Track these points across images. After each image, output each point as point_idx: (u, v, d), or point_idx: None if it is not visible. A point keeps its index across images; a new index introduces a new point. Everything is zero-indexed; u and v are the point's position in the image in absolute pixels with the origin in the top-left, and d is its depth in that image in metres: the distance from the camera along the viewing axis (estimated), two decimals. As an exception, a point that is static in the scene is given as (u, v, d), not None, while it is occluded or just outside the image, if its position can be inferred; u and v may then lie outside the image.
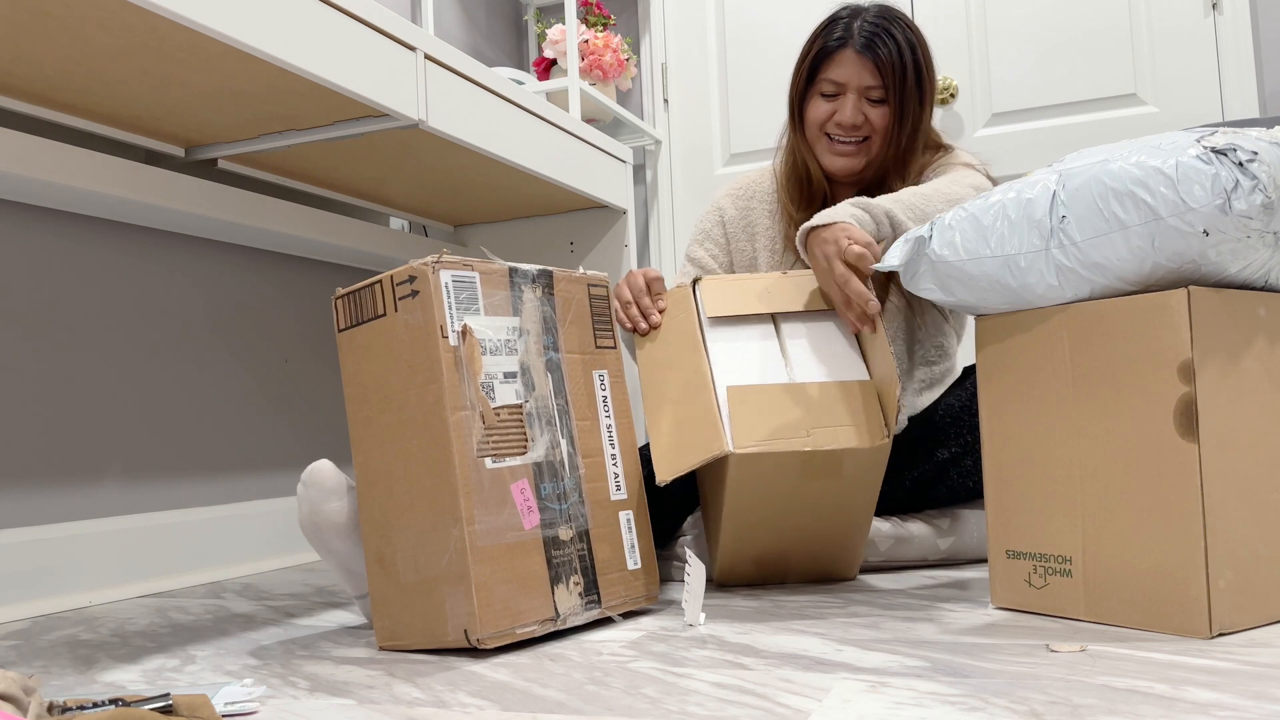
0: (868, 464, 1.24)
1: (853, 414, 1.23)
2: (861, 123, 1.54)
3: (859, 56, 1.52)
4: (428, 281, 1.06)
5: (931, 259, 1.14)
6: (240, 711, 0.87)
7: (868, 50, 1.51)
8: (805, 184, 1.62)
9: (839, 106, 1.54)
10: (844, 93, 1.54)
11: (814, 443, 1.20)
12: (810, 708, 0.81)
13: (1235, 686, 0.81)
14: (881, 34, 1.52)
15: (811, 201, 1.62)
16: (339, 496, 1.17)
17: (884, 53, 1.51)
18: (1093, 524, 1.05)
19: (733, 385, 1.24)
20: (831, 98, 1.56)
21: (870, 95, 1.53)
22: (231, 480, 1.83)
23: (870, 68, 1.52)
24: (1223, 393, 0.99)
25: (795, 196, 1.62)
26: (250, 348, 1.90)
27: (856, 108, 1.53)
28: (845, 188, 1.64)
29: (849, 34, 1.53)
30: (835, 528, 1.31)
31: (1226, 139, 0.97)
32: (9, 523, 1.45)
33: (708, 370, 1.27)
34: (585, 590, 1.13)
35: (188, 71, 1.32)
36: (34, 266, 1.51)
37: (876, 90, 1.53)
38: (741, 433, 1.20)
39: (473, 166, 1.82)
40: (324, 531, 1.17)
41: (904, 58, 1.51)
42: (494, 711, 0.84)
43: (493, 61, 2.75)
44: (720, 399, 1.24)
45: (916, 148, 1.58)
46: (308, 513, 1.17)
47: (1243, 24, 2.34)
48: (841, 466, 1.23)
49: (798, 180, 1.62)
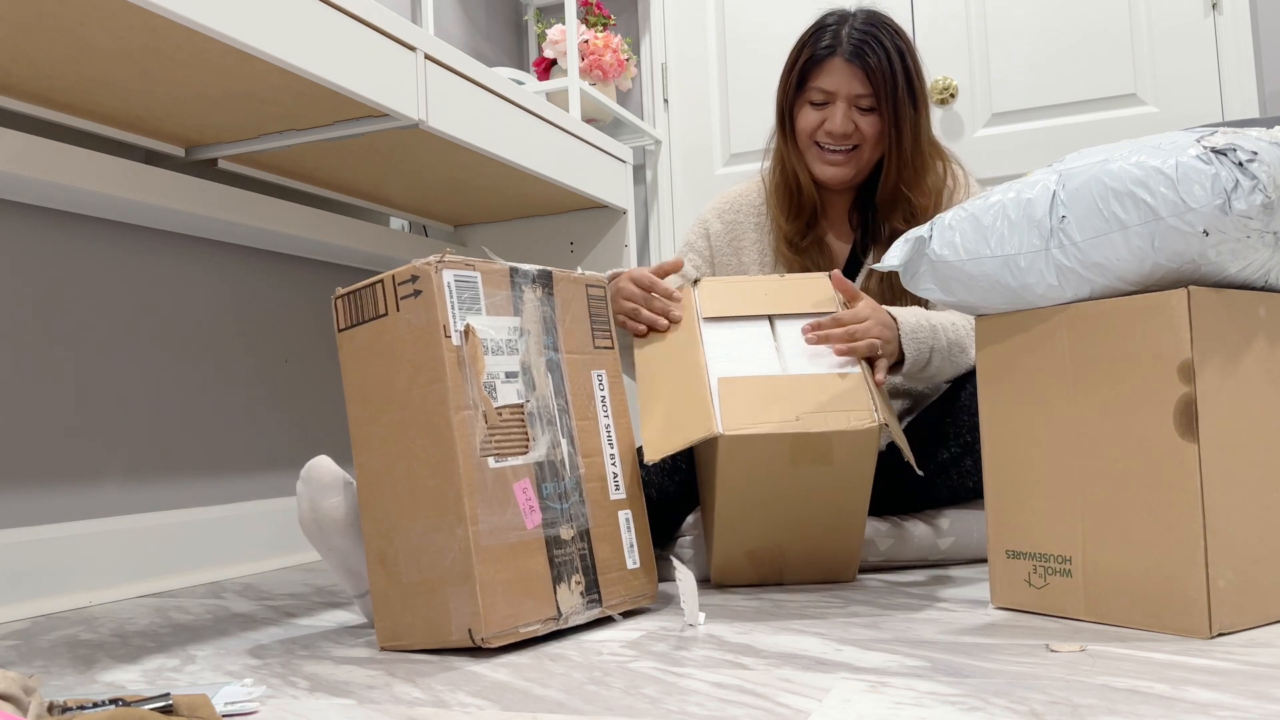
0: (858, 450, 1.24)
1: (842, 401, 1.24)
2: (852, 131, 1.54)
3: (848, 65, 1.51)
4: (430, 281, 1.06)
5: (931, 259, 1.14)
6: (240, 711, 0.87)
7: (856, 58, 1.51)
8: (795, 193, 1.61)
9: (829, 115, 1.54)
10: (833, 101, 1.54)
11: (803, 425, 1.21)
12: (810, 708, 0.81)
13: (1235, 686, 0.81)
14: (870, 41, 1.51)
15: (801, 212, 1.61)
16: (337, 491, 1.17)
17: (873, 60, 1.50)
18: (1093, 524, 1.05)
19: (725, 376, 1.26)
20: (821, 106, 1.55)
21: (860, 104, 1.53)
22: (231, 480, 1.83)
23: (860, 76, 1.51)
24: (1223, 393, 0.99)
25: (785, 207, 1.62)
26: (250, 348, 1.90)
27: (847, 116, 1.53)
28: (837, 195, 1.63)
29: (837, 41, 1.52)
30: (829, 520, 1.31)
31: (1226, 139, 0.97)
32: (9, 523, 1.45)
33: (703, 364, 1.29)
34: (586, 589, 1.13)
35: (188, 71, 1.33)
36: (34, 266, 1.51)
37: (866, 99, 1.52)
38: (731, 417, 1.22)
39: (473, 166, 1.82)
40: (324, 527, 1.17)
41: (893, 65, 1.51)
42: (494, 711, 0.84)
43: (493, 61, 2.75)
44: (713, 388, 1.26)
45: (925, 157, 1.57)
46: (307, 508, 1.18)
47: (1243, 24, 2.34)
48: (831, 452, 1.24)
49: (787, 190, 1.61)
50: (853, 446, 1.24)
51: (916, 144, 1.55)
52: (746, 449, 1.22)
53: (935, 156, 1.59)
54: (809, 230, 1.62)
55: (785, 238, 1.61)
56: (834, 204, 1.65)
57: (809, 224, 1.62)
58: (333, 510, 1.17)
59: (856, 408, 1.23)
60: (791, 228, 1.60)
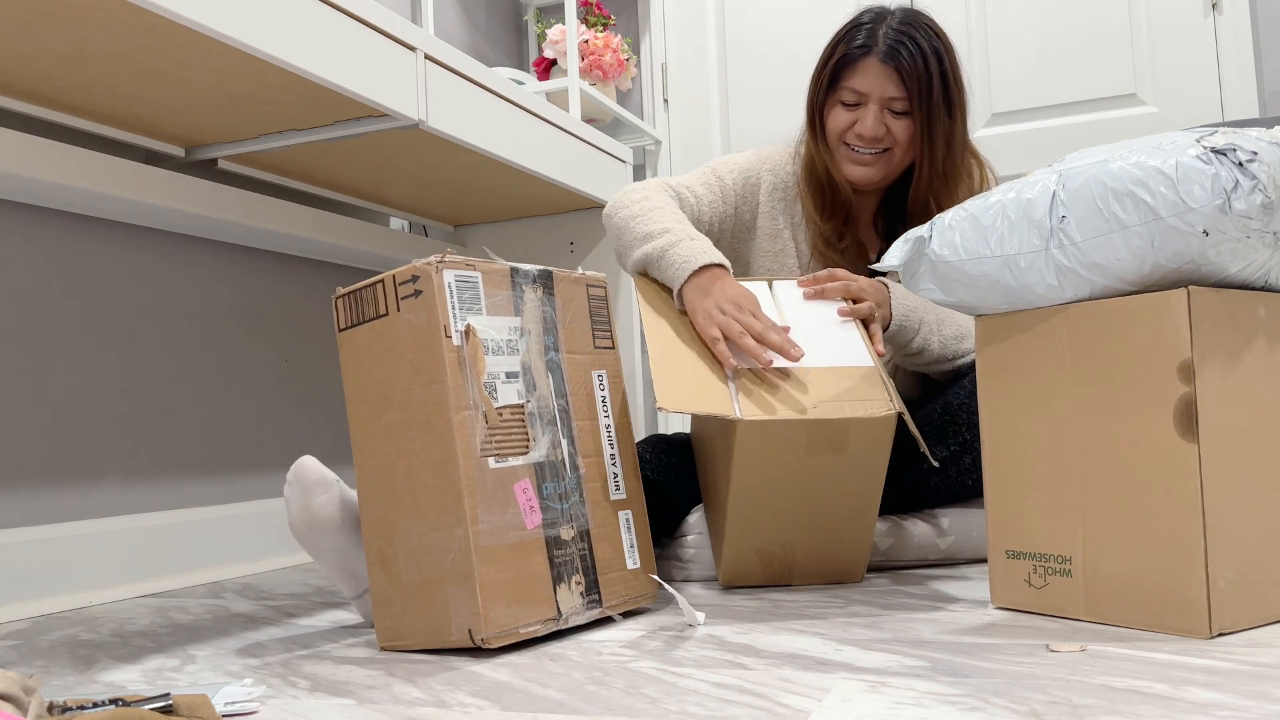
0: (874, 439, 1.25)
1: (858, 390, 1.25)
2: (883, 134, 1.49)
3: (882, 66, 1.46)
4: (431, 281, 1.06)
5: (931, 259, 1.14)
6: (240, 711, 0.87)
7: (891, 59, 1.45)
8: (828, 192, 1.56)
9: (860, 117, 1.49)
10: (866, 103, 1.49)
11: (820, 413, 1.22)
12: (810, 708, 0.81)
13: (1235, 686, 0.81)
14: (906, 42, 1.45)
15: (835, 210, 1.56)
16: (325, 490, 1.17)
17: (908, 62, 1.45)
18: (1093, 524, 1.05)
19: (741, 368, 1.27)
20: (853, 107, 1.50)
21: (893, 106, 1.48)
22: (231, 480, 1.83)
23: (894, 78, 1.46)
24: (1223, 393, 0.99)
25: (818, 204, 1.57)
26: (250, 348, 1.90)
27: (878, 119, 1.48)
28: (864, 196, 1.60)
29: (873, 41, 1.47)
30: (841, 514, 1.31)
31: (1226, 139, 0.97)
32: (9, 523, 1.45)
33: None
34: (586, 590, 1.13)
35: (188, 71, 1.32)
36: (34, 266, 1.51)
37: (900, 101, 1.47)
38: (749, 406, 1.23)
39: (473, 166, 1.83)
40: (317, 527, 1.17)
41: (929, 67, 1.45)
42: (494, 711, 0.84)
43: (493, 61, 2.75)
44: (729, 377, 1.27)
45: (958, 165, 1.52)
46: (298, 510, 1.17)
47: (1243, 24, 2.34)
48: (848, 441, 1.24)
49: (818, 187, 1.57)
50: (869, 435, 1.24)
51: (950, 152, 1.50)
52: (763, 436, 1.22)
53: (971, 164, 1.54)
54: (846, 229, 1.58)
55: (822, 236, 1.56)
56: (866, 201, 1.60)
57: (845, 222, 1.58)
58: (324, 508, 1.17)
59: (873, 397, 1.24)
60: (828, 226, 1.56)
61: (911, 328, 1.43)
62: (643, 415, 2.32)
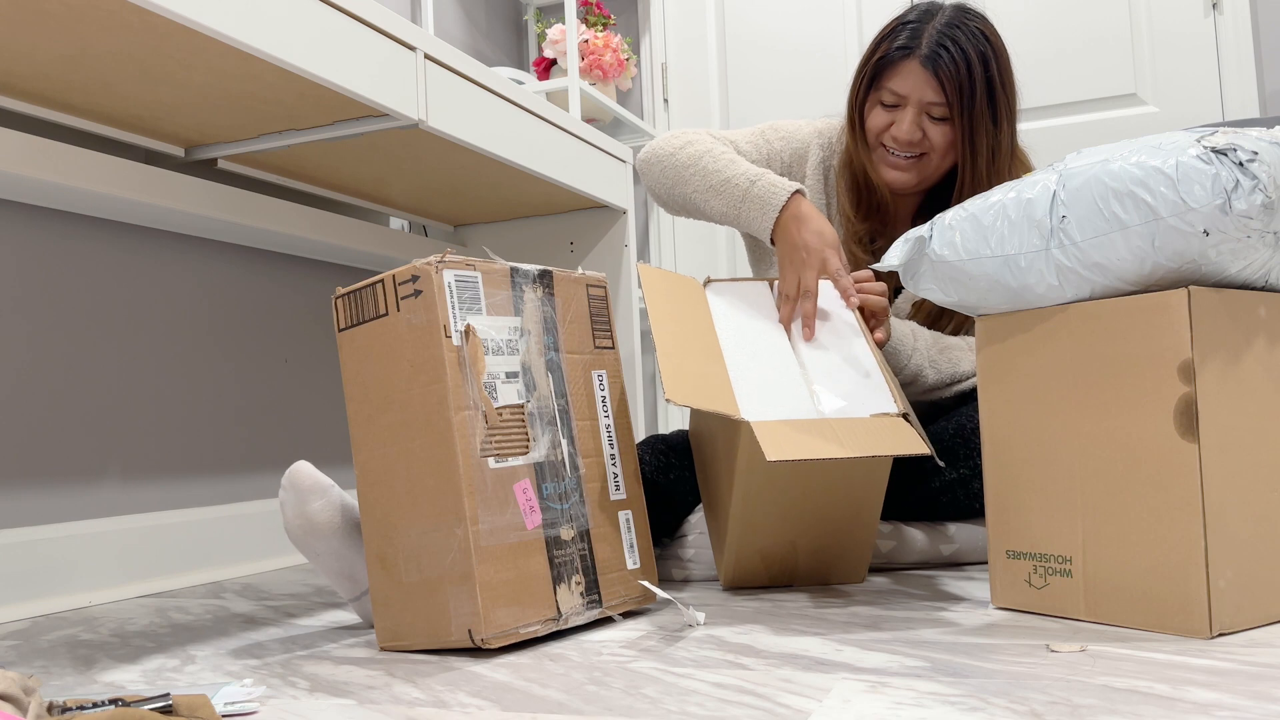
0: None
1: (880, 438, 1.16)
2: (919, 139, 1.43)
3: (922, 69, 1.40)
4: (431, 281, 1.06)
5: (931, 259, 1.14)
6: (240, 711, 0.87)
7: (931, 63, 1.39)
8: (863, 190, 1.51)
9: (897, 119, 1.44)
10: (904, 105, 1.43)
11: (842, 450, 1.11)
12: (810, 708, 0.81)
13: (1235, 686, 0.81)
14: (950, 45, 1.38)
15: (871, 211, 1.52)
16: (322, 495, 1.17)
17: (949, 67, 1.38)
18: (1093, 524, 1.05)
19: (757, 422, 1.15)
20: (891, 108, 1.44)
21: (932, 112, 1.42)
22: (231, 480, 1.83)
23: (934, 83, 1.39)
24: (1223, 393, 0.99)
25: (855, 203, 1.52)
26: (250, 348, 1.90)
27: (915, 123, 1.42)
28: (902, 198, 1.55)
29: (915, 42, 1.40)
30: (845, 512, 1.30)
31: (1226, 139, 0.97)
32: (9, 523, 1.45)
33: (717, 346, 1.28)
34: (586, 590, 1.13)
35: (188, 71, 1.32)
36: (34, 266, 1.51)
37: (939, 107, 1.41)
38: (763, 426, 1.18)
39: (473, 166, 1.82)
40: (313, 531, 1.17)
41: (973, 73, 1.39)
42: (494, 711, 0.84)
43: (493, 61, 2.75)
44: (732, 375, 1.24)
45: (1003, 173, 1.45)
46: (293, 515, 1.17)
47: (1243, 24, 2.34)
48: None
49: (855, 186, 1.52)
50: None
51: (994, 161, 1.43)
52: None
53: (1019, 173, 1.47)
54: (883, 230, 1.54)
55: (855, 236, 1.52)
56: (903, 203, 1.56)
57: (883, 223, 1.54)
58: (320, 513, 1.17)
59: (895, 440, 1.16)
60: (863, 227, 1.52)
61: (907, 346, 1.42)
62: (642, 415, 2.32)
